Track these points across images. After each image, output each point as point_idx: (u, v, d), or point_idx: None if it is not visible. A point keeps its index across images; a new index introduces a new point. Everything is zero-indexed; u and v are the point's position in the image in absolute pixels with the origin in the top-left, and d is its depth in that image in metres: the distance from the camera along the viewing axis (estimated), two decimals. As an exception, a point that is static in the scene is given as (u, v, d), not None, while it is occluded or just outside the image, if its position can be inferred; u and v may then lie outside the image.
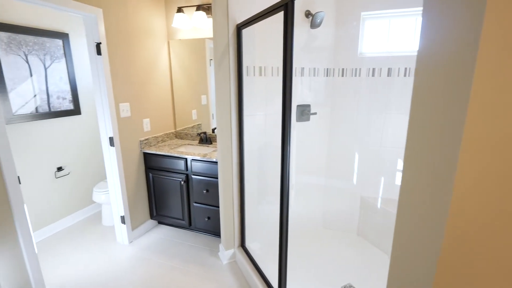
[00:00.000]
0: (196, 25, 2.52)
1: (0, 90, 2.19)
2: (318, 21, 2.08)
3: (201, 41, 2.67)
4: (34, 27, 2.40)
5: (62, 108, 2.67)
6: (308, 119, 2.31)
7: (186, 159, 2.38)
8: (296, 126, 2.35)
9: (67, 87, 2.70)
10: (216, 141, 2.80)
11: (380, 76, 2.20)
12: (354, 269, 2.08)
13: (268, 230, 2.37)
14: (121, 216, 2.40)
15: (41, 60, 2.46)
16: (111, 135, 2.21)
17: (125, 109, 2.32)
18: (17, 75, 2.30)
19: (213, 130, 2.86)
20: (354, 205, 2.49)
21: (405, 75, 2.13)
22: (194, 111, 2.97)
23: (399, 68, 2.14)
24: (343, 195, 2.52)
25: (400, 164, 2.31)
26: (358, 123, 2.36)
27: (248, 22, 1.68)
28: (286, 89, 1.29)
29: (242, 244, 2.21)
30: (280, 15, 1.36)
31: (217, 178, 2.30)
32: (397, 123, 2.25)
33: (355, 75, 2.27)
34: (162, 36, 2.71)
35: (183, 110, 2.97)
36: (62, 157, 2.72)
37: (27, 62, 2.36)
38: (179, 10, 2.53)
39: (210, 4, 2.50)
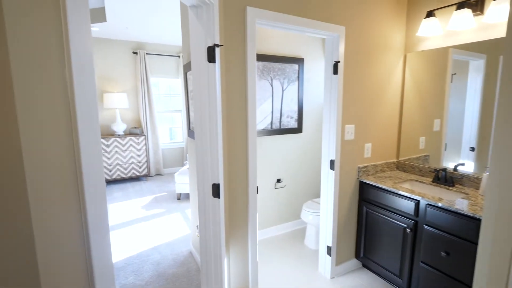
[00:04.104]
0: (454, 28, 1.92)
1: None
2: None
3: (443, 51, 2.07)
4: (280, 55, 2.76)
5: (289, 126, 2.91)
6: None
7: (418, 201, 1.81)
8: None
9: (295, 107, 2.93)
10: (459, 184, 2.01)
11: None
12: None
13: None
14: (327, 246, 2.19)
15: (280, 83, 2.80)
16: (332, 158, 2.06)
17: (350, 131, 2.12)
18: (263, 96, 2.72)
19: (455, 168, 2.09)
20: None
21: None
22: (422, 139, 2.36)
23: None
24: None
25: None
26: None
27: None
28: None
29: None
30: None
31: (469, 240, 1.56)
32: None
33: None
34: (398, 49, 2.32)
35: (409, 137, 2.42)
36: (281, 170, 2.96)
37: (271, 85, 2.75)
38: (429, 14, 2.05)
39: (482, -3, 1.82)
